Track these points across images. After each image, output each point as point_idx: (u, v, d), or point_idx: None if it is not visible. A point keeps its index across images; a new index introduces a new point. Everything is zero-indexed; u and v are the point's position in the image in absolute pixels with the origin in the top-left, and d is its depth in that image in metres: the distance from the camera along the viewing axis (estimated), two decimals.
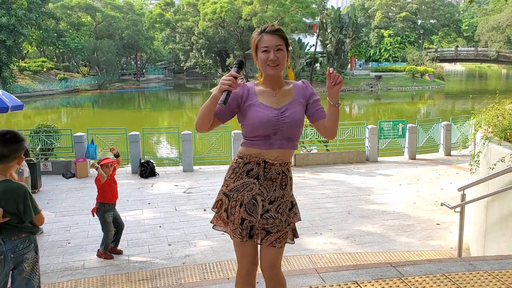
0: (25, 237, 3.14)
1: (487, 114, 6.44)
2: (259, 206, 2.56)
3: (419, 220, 8.18)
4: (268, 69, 2.52)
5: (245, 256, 2.66)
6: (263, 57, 2.51)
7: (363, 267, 3.76)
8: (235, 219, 2.56)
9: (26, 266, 3.14)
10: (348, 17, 49.65)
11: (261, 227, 2.58)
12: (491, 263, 3.80)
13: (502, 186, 5.12)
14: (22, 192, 3.08)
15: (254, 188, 2.55)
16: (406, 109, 38.17)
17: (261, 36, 2.53)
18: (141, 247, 6.93)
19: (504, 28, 56.25)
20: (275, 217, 2.58)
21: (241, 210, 2.55)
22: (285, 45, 2.55)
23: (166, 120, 33.71)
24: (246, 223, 2.56)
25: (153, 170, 11.89)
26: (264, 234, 2.59)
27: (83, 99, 50.18)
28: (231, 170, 2.62)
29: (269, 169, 2.55)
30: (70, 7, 59.45)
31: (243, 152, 2.60)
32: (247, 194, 2.55)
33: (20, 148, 3.11)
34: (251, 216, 2.56)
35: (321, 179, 11.42)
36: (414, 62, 59.97)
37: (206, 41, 54.36)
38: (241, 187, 2.56)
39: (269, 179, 2.56)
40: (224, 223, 2.64)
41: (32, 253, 3.18)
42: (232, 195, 2.58)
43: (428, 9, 75.12)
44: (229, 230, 2.63)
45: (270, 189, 2.56)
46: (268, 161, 2.54)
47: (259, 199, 2.56)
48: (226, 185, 2.62)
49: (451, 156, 14.24)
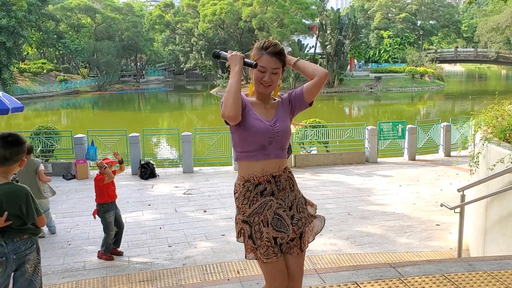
0: (27, 238, 3.16)
1: (486, 115, 6.45)
2: (284, 218, 2.58)
3: (419, 221, 8.20)
4: (260, 87, 2.59)
5: (280, 272, 2.63)
6: (259, 76, 2.56)
7: (363, 267, 3.77)
8: (266, 241, 2.54)
9: (28, 267, 3.17)
10: (347, 18, 49.69)
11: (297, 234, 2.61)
12: (491, 264, 3.82)
13: (501, 186, 5.13)
14: (24, 194, 3.11)
15: (272, 204, 2.57)
16: (406, 110, 38.19)
17: (262, 55, 2.55)
18: (141, 248, 6.94)
19: (504, 29, 56.29)
20: (300, 218, 2.64)
21: (269, 230, 2.55)
22: (282, 67, 2.60)
23: (166, 122, 33.72)
24: (279, 240, 2.57)
25: (153, 171, 11.91)
26: (299, 240, 2.63)
27: (83, 101, 50.21)
28: (241, 196, 2.59)
29: (279, 181, 2.59)
30: (70, 8, 59.48)
31: (246, 175, 2.58)
32: (269, 213, 2.56)
33: (22, 150, 3.13)
34: (281, 232, 2.57)
35: (321, 180, 11.44)
36: (414, 63, 59.97)
37: (206, 43, 54.36)
38: (260, 208, 2.56)
39: (282, 190, 2.59)
40: (253, 250, 2.61)
41: (34, 254, 3.20)
42: (253, 219, 2.57)
43: (427, 10, 75.14)
44: (259, 255, 2.58)
45: (285, 197, 2.61)
46: (275, 174, 2.57)
47: (281, 211, 2.58)
48: (242, 212, 2.59)
49: (450, 157, 14.26)
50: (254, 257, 2.62)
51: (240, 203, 2.60)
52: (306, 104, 2.67)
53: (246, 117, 2.54)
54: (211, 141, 13.80)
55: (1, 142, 3.04)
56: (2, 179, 3.09)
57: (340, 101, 44.50)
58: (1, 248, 3.10)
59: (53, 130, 13.30)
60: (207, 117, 36.90)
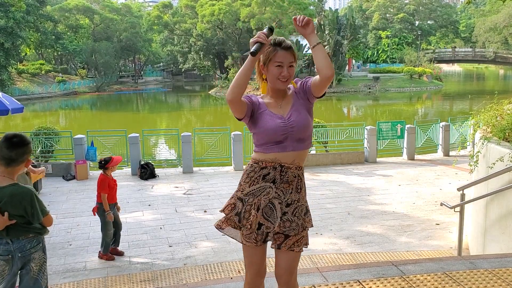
0: (32, 237, 3.18)
1: (485, 114, 6.49)
2: (277, 209, 2.57)
3: (418, 220, 8.22)
4: (279, 83, 2.58)
5: (253, 263, 2.68)
6: (276, 72, 2.56)
7: (365, 266, 3.79)
8: (251, 224, 2.56)
9: (34, 266, 3.18)
10: (345, 19, 49.75)
11: (281, 231, 2.58)
12: (492, 262, 3.84)
13: (501, 185, 5.16)
14: (28, 196, 3.11)
15: (270, 192, 2.57)
16: (404, 110, 38.24)
17: (276, 51, 2.56)
18: (142, 248, 6.95)
19: (501, 29, 56.42)
20: (292, 220, 2.59)
21: (258, 215, 2.56)
22: (295, 60, 2.63)
23: (165, 122, 33.72)
24: (263, 228, 2.58)
25: (153, 171, 11.91)
26: (283, 238, 2.60)
27: (81, 102, 50.17)
28: (245, 175, 2.64)
29: (285, 172, 2.59)
30: (68, 9, 59.48)
31: (258, 158, 2.62)
32: (263, 199, 2.57)
33: (27, 151, 3.14)
34: (268, 221, 2.57)
35: (321, 180, 11.46)
36: (412, 63, 60.05)
37: (204, 43, 54.38)
38: (258, 191, 2.58)
39: (285, 182, 2.59)
40: (233, 227, 2.64)
41: (39, 253, 3.22)
42: (248, 199, 2.59)
43: (425, 10, 75.31)
44: (240, 235, 2.63)
45: (286, 192, 2.60)
46: (284, 164, 2.58)
47: (277, 202, 2.58)
48: (241, 189, 2.63)
49: (449, 156, 14.29)
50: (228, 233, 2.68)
51: (242, 181, 2.64)
52: (316, 97, 2.67)
53: (258, 120, 2.57)
54: (210, 141, 13.81)
55: (6, 143, 3.04)
56: (8, 180, 3.10)
57: (338, 101, 44.54)
58: (7, 246, 3.12)
59: (53, 130, 13.30)
60: (206, 118, 36.92)
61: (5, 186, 3.07)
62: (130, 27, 63.67)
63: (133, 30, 63.51)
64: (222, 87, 51.58)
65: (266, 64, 2.59)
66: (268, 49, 2.57)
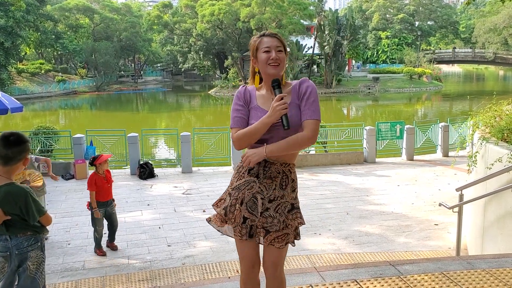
0: (30, 235, 3.19)
1: (484, 115, 6.50)
2: (258, 204, 2.59)
3: (417, 221, 8.23)
4: (269, 69, 2.54)
5: (245, 256, 2.73)
6: (264, 57, 2.54)
7: (363, 265, 3.80)
8: (236, 217, 2.61)
9: (30, 265, 3.18)
10: (345, 19, 49.73)
11: (261, 226, 2.60)
12: (489, 262, 3.84)
13: (499, 186, 5.16)
14: (23, 196, 3.10)
15: (254, 186, 2.59)
16: (404, 110, 38.24)
17: (261, 38, 2.60)
18: (140, 248, 6.96)
19: (501, 30, 56.43)
20: (274, 217, 2.58)
21: (242, 208, 2.59)
22: (284, 49, 2.60)
23: (164, 122, 33.71)
24: (248, 222, 2.60)
25: (152, 171, 11.91)
26: (264, 233, 2.61)
27: (81, 101, 50.14)
28: (236, 170, 2.71)
29: (269, 168, 2.59)
30: (68, 9, 59.45)
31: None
32: (247, 193, 2.59)
33: (25, 149, 3.13)
34: (252, 214, 2.59)
35: (320, 180, 11.46)
36: (412, 64, 60.05)
37: (204, 43, 54.34)
38: (242, 185, 2.61)
39: (268, 177, 2.59)
40: (221, 221, 2.70)
41: (37, 252, 3.22)
42: (233, 193, 2.63)
43: (425, 11, 75.28)
44: (226, 228, 2.71)
45: (269, 187, 2.59)
46: (269, 160, 2.58)
47: (259, 197, 2.58)
48: (231, 184, 2.70)
49: (448, 157, 14.30)
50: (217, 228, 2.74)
51: (233, 176, 2.70)
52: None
53: (250, 115, 2.61)
54: (209, 141, 13.82)
55: (3, 142, 3.03)
56: (4, 179, 3.08)
57: (338, 102, 44.54)
58: (5, 242, 3.15)
59: (52, 130, 13.30)
60: (205, 118, 36.92)
61: (1, 186, 3.06)
62: (130, 26, 63.63)
63: (133, 29, 63.48)
64: (222, 87, 51.56)
65: (255, 55, 2.60)
66: (253, 40, 2.62)
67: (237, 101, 2.63)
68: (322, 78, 50.83)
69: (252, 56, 2.64)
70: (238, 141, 2.54)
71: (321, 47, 49.28)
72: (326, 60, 49.55)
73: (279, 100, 2.40)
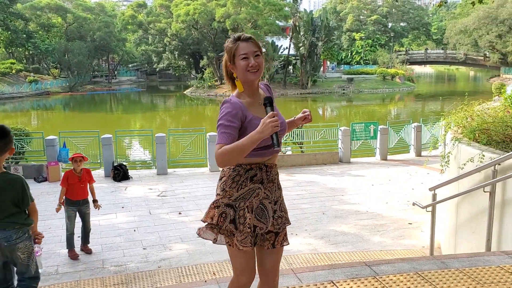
0: (18, 228, 3.43)
1: (456, 115, 6.61)
2: (268, 209, 2.58)
3: (391, 220, 8.33)
4: (250, 75, 2.52)
5: (250, 265, 2.63)
6: (243, 64, 2.51)
7: (339, 266, 3.82)
8: (247, 227, 2.51)
9: (20, 255, 3.46)
10: (320, 20, 50.08)
11: (274, 230, 2.60)
12: (463, 261, 3.91)
13: (471, 185, 5.26)
14: (20, 183, 3.45)
15: (260, 193, 2.56)
16: (377, 111, 38.73)
17: (237, 44, 2.54)
18: (115, 251, 6.86)
19: (471, 32, 57.65)
20: (282, 216, 2.66)
21: (252, 217, 2.53)
22: (260, 52, 2.59)
23: (139, 123, 33.37)
24: (257, 230, 2.56)
25: (126, 173, 11.77)
26: (274, 236, 2.62)
27: (54, 102, 49.21)
28: (230, 179, 2.54)
29: (270, 172, 2.60)
30: (39, 8, 58.26)
31: (241, 161, 2.53)
32: (255, 200, 2.54)
33: (10, 139, 3.42)
34: (261, 222, 2.55)
35: (296, 180, 11.51)
36: (385, 65, 60.85)
37: (179, 43, 54.04)
38: (248, 194, 2.53)
39: (271, 181, 2.61)
40: (228, 236, 2.55)
41: (26, 242, 3.48)
42: (239, 204, 2.53)
43: (398, 13, 76.39)
44: (235, 242, 2.53)
45: (272, 190, 2.62)
46: (268, 164, 2.59)
47: (267, 202, 2.58)
48: (229, 195, 2.54)
49: (421, 156, 14.54)
50: (226, 243, 2.57)
51: (227, 186, 2.54)
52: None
53: (247, 128, 2.45)
54: (185, 142, 13.73)
55: None
56: None
57: (313, 102, 44.84)
58: None
59: (24, 131, 13.01)
60: (181, 118, 36.69)
61: None
62: (103, 26, 62.74)
63: (107, 29, 62.60)
64: (198, 87, 51.33)
65: (232, 61, 2.55)
66: (229, 46, 2.56)
67: (231, 115, 2.43)
68: (297, 79, 51.12)
69: (229, 62, 2.58)
70: (222, 156, 2.33)
71: (296, 48, 49.53)
72: (302, 61, 49.84)
73: (272, 117, 2.30)
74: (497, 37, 54.28)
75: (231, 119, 2.42)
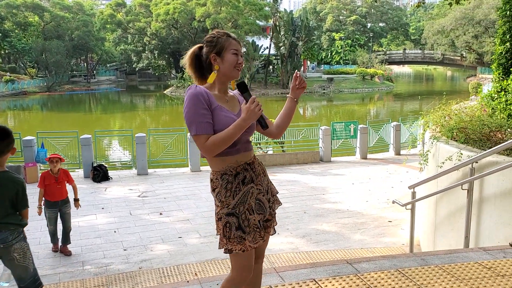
0: (13, 229, 3.47)
1: (434, 114, 6.71)
2: (264, 202, 2.64)
3: (371, 218, 8.42)
4: (235, 72, 2.56)
5: (250, 265, 2.62)
6: (233, 59, 2.53)
7: (320, 264, 3.84)
8: (254, 227, 2.53)
9: (16, 255, 3.48)
10: (300, 20, 50.33)
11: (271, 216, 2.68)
12: (442, 257, 3.97)
13: (449, 183, 5.35)
14: (21, 182, 3.53)
15: (254, 191, 2.58)
16: (357, 110, 39.08)
17: (229, 39, 2.56)
18: (95, 252, 6.79)
19: (448, 32, 58.48)
20: (275, 199, 2.75)
21: (255, 216, 2.56)
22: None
23: (119, 123, 33.04)
24: (261, 222, 2.62)
25: (106, 174, 11.64)
26: (273, 220, 2.73)
27: (31, 102, 48.37)
28: (223, 190, 2.51)
29: (254, 167, 2.61)
30: (15, 6, 57.15)
31: (221, 169, 2.52)
32: (251, 200, 2.56)
33: (12, 140, 3.49)
34: (261, 214, 2.61)
35: (278, 180, 11.53)
36: (364, 65, 61.41)
37: (159, 42, 53.67)
38: (244, 197, 2.53)
39: (258, 175, 2.63)
40: (239, 242, 2.51)
41: (21, 243, 3.51)
42: (239, 210, 2.51)
43: (377, 13, 77.13)
44: (248, 244, 2.51)
45: (262, 182, 2.65)
46: (249, 162, 2.59)
47: (261, 196, 2.63)
48: (226, 205, 2.51)
49: (400, 155, 14.73)
50: (239, 250, 2.51)
51: (222, 197, 2.51)
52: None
53: (214, 116, 2.45)
54: (166, 142, 13.65)
55: None
56: None
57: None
58: None
59: None
60: (161, 118, 36.44)
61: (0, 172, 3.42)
62: (82, 25, 61.85)
63: (85, 28, 61.73)
64: (178, 87, 51.04)
65: (220, 54, 2.53)
66: (221, 38, 2.55)
67: (200, 104, 2.41)
68: (278, 79, 51.26)
69: (213, 52, 2.54)
70: (213, 147, 2.38)
71: (277, 47, 49.66)
72: (282, 60, 49.99)
73: (253, 102, 2.35)
74: (473, 38, 55.19)
75: (201, 105, 2.42)
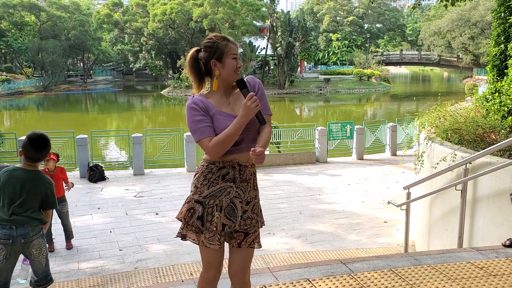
0: (35, 225, 3.63)
1: (430, 115, 6.75)
2: (238, 208, 2.58)
3: (367, 218, 8.45)
4: (235, 76, 2.58)
5: (215, 262, 2.64)
6: (233, 64, 2.56)
7: (315, 264, 3.86)
8: (216, 225, 2.52)
9: (34, 251, 3.64)
10: (297, 21, 50.31)
11: (242, 230, 2.59)
12: (435, 257, 4.00)
13: (444, 184, 5.38)
14: (50, 183, 3.71)
15: (231, 191, 2.56)
16: (354, 111, 39.12)
17: (228, 43, 2.58)
18: (91, 252, 6.79)
19: (445, 34, 58.64)
20: (252, 218, 2.63)
21: (221, 215, 2.54)
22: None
23: (115, 123, 32.99)
24: (227, 228, 2.56)
25: (102, 174, 11.63)
26: (243, 237, 2.62)
27: (27, 102, 48.22)
28: (202, 176, 2.56)
29: (244, 171, 2.59)
30: (12, 5, 56.96)
31: (213, 159, 2.56)
32: (225, 199, 2.55)
33: (49, 148, 3.69)
34: (230, 220, 2.56)
35: (274, 180, 11.56)
36: (361, 66, 61.46)
37: (156, 42, 53.59)
38: (218, 192, 2.54)
39: (244, 181, 2.60)
40: (196, 232, 2.56)
41: (39, 240, 3.67)
42: (208, 201, 2.54)
43: (374, 14, 77.29)
44: (202, 239, 2.55)
45: (246, 190, 2.61)
46: (242, 163, 2.59)
47: (237, 201, 2.58)
48: (199, 192, 2.55)
49: (396, 156, 14.76)
50: (193, 240, 2.58)
51: (199, 183, 2.56)
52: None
53: (214, 122, 2.51)
54: (162, 142, 13.65)
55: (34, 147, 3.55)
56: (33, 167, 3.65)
57: (291, 102, 45.03)
58: (10, 231, 3.53)
59: None
60: (158, 118, 36.41)
61: (32, 171, 3.63)
62: (78, 25, 61.69)
63: (82, 28, 61.57)
64: (175, 87, 50.96)
65: (221, 60, 2.55)
66: (221, 43, 2.57)
67: (195, 112, 2.50)
68: (275, 79, 51.24)
69: (213, 58, 2.56)
70: (216, 147, 2.44)
71: (273, 48, 49.65)
72: (279, 61, 49.98)
73: (250, 98, 2.40)
74: (469, 39, 55.35)
75: (197, 113, 2.50)
